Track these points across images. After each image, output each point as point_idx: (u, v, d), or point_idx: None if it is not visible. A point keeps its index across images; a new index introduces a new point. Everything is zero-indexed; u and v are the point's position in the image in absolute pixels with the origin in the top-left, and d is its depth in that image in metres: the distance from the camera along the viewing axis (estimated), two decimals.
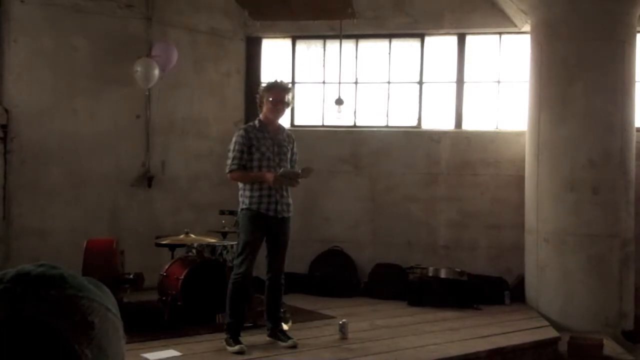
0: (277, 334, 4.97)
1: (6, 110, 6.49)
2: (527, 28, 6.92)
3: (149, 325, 5.24)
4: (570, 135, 6.32)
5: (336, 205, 7.63)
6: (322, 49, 7.88)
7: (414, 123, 7.68)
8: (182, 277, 5.36)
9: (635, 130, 6.46)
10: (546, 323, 5.98)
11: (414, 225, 7.50)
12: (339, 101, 7.35)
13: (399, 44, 7.74)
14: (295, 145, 5.11)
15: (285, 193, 4.94)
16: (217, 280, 5.38)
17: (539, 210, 6.53)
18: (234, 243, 5.59)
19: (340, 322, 5.24)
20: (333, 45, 7.72)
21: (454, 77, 7.59)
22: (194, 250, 5.85)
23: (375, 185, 7.64)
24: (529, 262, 6.73)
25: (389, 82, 7.72)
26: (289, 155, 5.02)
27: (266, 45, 7.97)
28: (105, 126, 6.96)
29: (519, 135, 7.10)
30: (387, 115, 7.76)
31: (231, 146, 4.93)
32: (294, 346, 4.85)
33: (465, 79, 7.57)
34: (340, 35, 7.44)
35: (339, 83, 7.62)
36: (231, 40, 7.77)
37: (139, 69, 6.66)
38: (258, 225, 4.85)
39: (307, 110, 7.86)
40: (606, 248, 6.26)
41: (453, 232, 7.45)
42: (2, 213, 6.44)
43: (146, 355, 4.54)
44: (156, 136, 7.25)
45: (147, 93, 7.05)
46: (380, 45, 7.77)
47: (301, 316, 5.91)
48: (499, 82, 7.54)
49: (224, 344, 4.77)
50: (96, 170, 6.89)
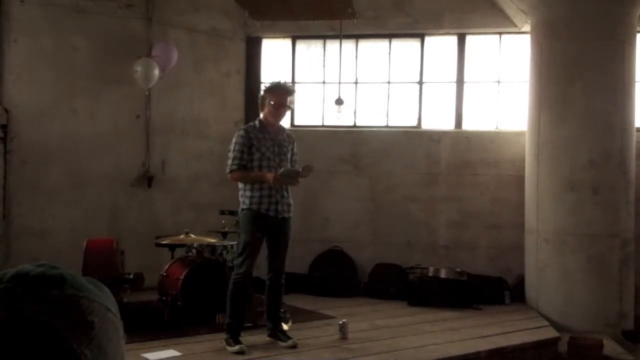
0: (277, 334, 4.97)
1: (6, 110, 6.49)
2: (527, 28, 6.91)
3: (149, 325, 5.24)
4: (570, 135, 6.32)
5: (336, 205, 7.63)
6: (322, 49, 7.88)
7: (414, 123, 7.68)
8: (182, 277, 5.36)
9: (635, 130, 6.46)
10: (546, 323, 5.98)
11: (414, 225, 7.50)
12: (339, 101, 7.35)
13: (399, 44, 7.74)
14: (295, 145, 5.12)
15: (285, 193, 4.94)
16: (217, 280, 5.38)
17: (539, 210, 6.53)
18: (234, 243, 5.59)
19: (340, 322, 5.24)
20: (333, 45, 7.72)
21: (454, 77, 7.59)
22: (194, 250, 5.85)
23: (375, 185, 7.64)
24: (529, 262, 6.73)
25: (389, 82, 7.72)
26: (289, 155, 5.01)
27: (266, 45, 7.97)
28: (105, 126, 6.96)
29: (519, 135, 7.10)
30: (387, 115, 7.76)
31: (231, 146, 4.93)
32: (294, 346, 4.85)
33: (465, 79, 7.57)
34: (340, 35, 7.43)
35: (339, 83, 7.62)
36: (231, 40, 7.77)
37: (139, 69, 6.66)
38: (258, 225, 4.85)
39: (307, 110, 7.86)
40: (606, 248, 6.26)
41: (453, 232, 7.45)
42: (2, 213, 6.45)
43: (146, 355, 4.54)
44: (156, 136, 7.25)
45: (147, 93, 7.05)
46: (380, 45, 7.77)
47: (301, 316, 5.91)
48: (499, 82, 7.54)
49: (224, 344, 4.77)
50: (96, 170, 6.89)
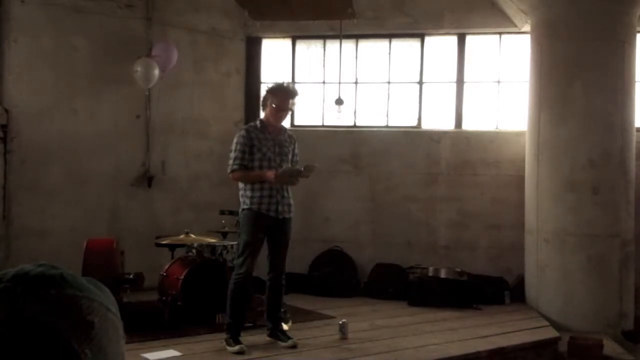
0: (277, 334, 4.97)
1: (6, 110, 6.49)
2: (527, 28, 6.91)
3: (149, 325, 5.24)
4: (570, 135, 6.32)
5: (336, 205, 7.63)
6: (322, 49, 7.87)
7: (414, 123, 7.68)
8: (182, 277, 5.36)
9: (635, 130, 6.46)
10: (546, 323, 5.98)
11: (414, 225, 7.50)
12: (339, 101, 7.35)
13: (399, 44, 7.74)
14: (296, 145, 5.11)
15: (286, 194, 4.93)
16: (217, 280, 5.38)
17: (539, 210, 6.53)
18: (234, 243, 5.59)
19: (340, 322, 5.24)
20: (333, 45, 7.71)
21: (454, 77, 7.59)
22: (194, 250, 5.85)
23: (375, 185, 7.64)
24: (529, 262, 6.72)
25: (389, 82, 7.72)
26: (290, 156, 5.01)
27: (266, 45, 7.97)
28: (105, 126, 6.96)
29: (519, 135, 7.09)
30: (387, 115, 7.75)
31: (233, 146, 4.93)
32: (294, 346, 4.85)
33: (465, 79, 7.56)
34: (340, 35, 7.43)
35: (339, 83, 7.62)
36: (231, 40, 7.77)
37: (139, 69, 6.66)
38: (259, 225, 4.85)
39: (307, 110, 7.86)
40: (606, 248, 6.26)
41: (453, 232, 7.45)
42: (2, 213, 6.45)
43: (146, 355, 4.55)
44: (156, 136, 7.25)
45: (147, 93, 7.05)
46: (380, 45, 7.77)
47: (301, 316, 5.91)
48: (499, 82, 7.54)
49: (224, 344, 4.77)
50: (96, 170, 6.89)
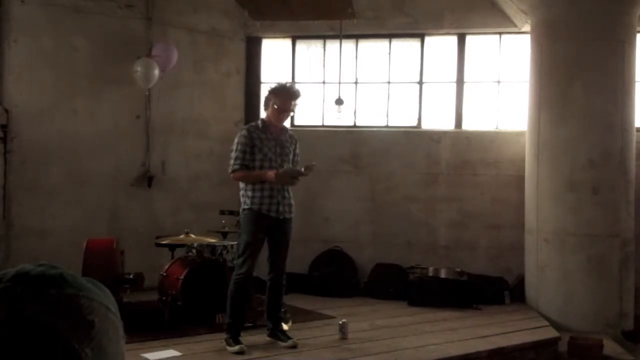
0: (277, 334, 4.97)
1: (6, 110, 6.49)
2: (527, 28, 6.91)
3: (149, 325, 5.24)
4: (570, 135, 6.32)
5: (336, 205, 7.63)
6: (322, 49, 7.87)
7: (414, 123, 7.68)
8: (182, 277, 5.36)
9: (635, 130, 6.46)
10: (546, 323, 5.98)
11: (414, 225, 7.50)
12: (339, 101, 7.35)
13: (399, 44, 7.74)
14: (297, 146, 5.10)
15: (287, 194, 4.93)
16: (217, 280, 5.38)
17: (539, 210, 6.53)
18: (234, 243, 5.59)
19: (340, 322, 5.24)
20: (333, 45, 7.71)
21: (454, 77, 7.59)
22: (194, 250, 5.85)
23: (375, 185, 7.64)
24: (529, 262, 6.72)
25: (389, 82, 7.72)
26: (291, 156, 5.01)
27: (266, 45, 7.97)
28: (105, 126, 6.96)
29: (519, 135, 7.09)
30: (387, 115, 7.75)
31: (234, 146, 4.92)
32: (294, 346, 4.85)
33: (465, 79, 7.56)
34: (340, 35, 7.43)
35: (339, 83, 7.62)
36: (231, 40, 7.76)
37: (139, 69, 6.66)
38: (260, 225, 4.84)
39: (307, 110, 7.86)
40: (606, 248, 6.26)
41: (453, 232, 7.45)
42: (2, 213, 6.45)
43: (146, 355, 4.55)
44: (156, 136, 7.25)
45: (147, 93, 7.05)
46: (380, 45, 7.77)
47: (301, 316, 5.91)
48: (499, 82, 7.54)
49: (224, 344, 4.77)
50: (96, 170, 6.89)
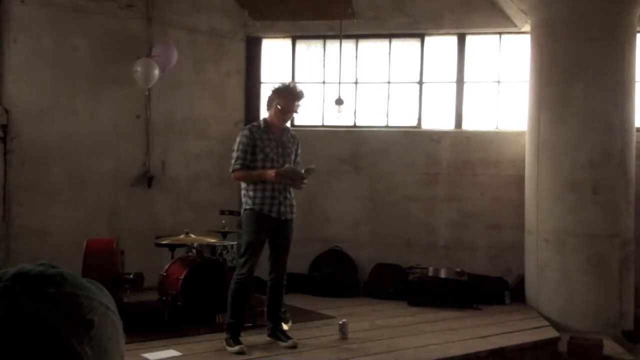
0: (277, 334, 4.97)
1: (6, 110, 6.50)
2: (527, 28, 6.91)
3: (149, 325, 5.24)
4: (570, 135, 6.32)
5: (336, 205, 7.63)
6: (322, 49, 7.87)
7: (414, 123, 7.68)
8: (182, 277, 5.36)
9: (635, 130, 6.46)
10: (546, 323, 5.98)
11: (414, 225, 7.49)
12: (339, 101, 7.35)
13: (399, 44, 7.74)
14: (299, 146, 5.10)
15: (288, 194, 4.92)
16: (217, 280, 5.39)
17: (539, 210, 6.53)
18: (234, 243, 5.59)
19: (340, 322, 5.24)
20: (333, 45, 7.71)
21: (454, 77, 7.58)
22: (194, 250, 5.85)
23: (375, 185, 7.63)
24: (529, 262, 6.72)
25: (389, 82, 7.72)
26: (292, 156, 5.00)
27: (266, 45, 7.97)
28: (105, 126, 6.96)
29: (519, 135, 7.09)
30: (387, 115, 7.75)
31: (235, 146, 4.91)
32: (294, 346, 4.85)
33: (465, 79, 7.56)
34: (340, 35, 7.43)
35: (339, 83, 7.62)
36: (231, 40, 7.76)
37: (139, 69, 6.66)
38: (261, 226, 4.84)
39: (307, 110, 7.84)
40: (606, 248, 6.26)
41: (453, 232, 7.45)
42: (2, 213, 6.45)
43: (146, 355, 4.55)
44: (156, 136, 7.25)
45: (147, 93, 7.05)
46: (380, 45, 7.77)
47: (301, 316, 5.91)
48: (499, 82, 7.54)
49: (224, 344, 4.77)
50: (96, 170, 6.89)
